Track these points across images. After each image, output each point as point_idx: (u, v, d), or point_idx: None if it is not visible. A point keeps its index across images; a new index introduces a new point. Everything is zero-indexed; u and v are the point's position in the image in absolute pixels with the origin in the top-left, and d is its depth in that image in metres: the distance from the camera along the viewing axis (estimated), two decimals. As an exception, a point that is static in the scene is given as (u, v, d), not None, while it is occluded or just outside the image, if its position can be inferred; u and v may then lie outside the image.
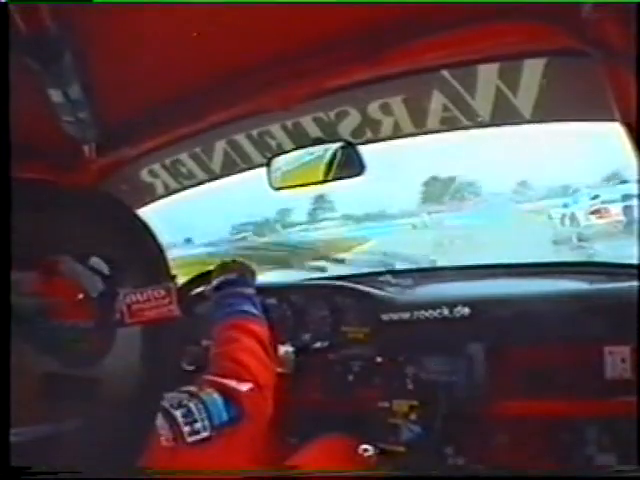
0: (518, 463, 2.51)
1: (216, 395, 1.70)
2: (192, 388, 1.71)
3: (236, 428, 1.71)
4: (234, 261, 2.43)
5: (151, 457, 1.41)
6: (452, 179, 21.15)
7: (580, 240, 11.24)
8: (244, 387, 1.80)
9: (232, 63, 1.97)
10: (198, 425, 1.60)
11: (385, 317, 2.87)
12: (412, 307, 2.84)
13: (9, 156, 1.17)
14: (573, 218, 13.47)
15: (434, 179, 21.44)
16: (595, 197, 13.12)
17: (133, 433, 1.33)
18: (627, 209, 11.32)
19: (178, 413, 1.59)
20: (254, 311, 2.16)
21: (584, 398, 2.43)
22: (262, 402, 1.87)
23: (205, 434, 1.60)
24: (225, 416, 1.68)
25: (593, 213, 12.79)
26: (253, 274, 2.41)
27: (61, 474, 1.11)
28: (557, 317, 2.51)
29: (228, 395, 1.72)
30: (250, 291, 2.26)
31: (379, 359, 2.86)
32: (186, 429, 1.58)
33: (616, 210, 11.98)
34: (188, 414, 1.60)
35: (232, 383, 1.79)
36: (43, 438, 1.14)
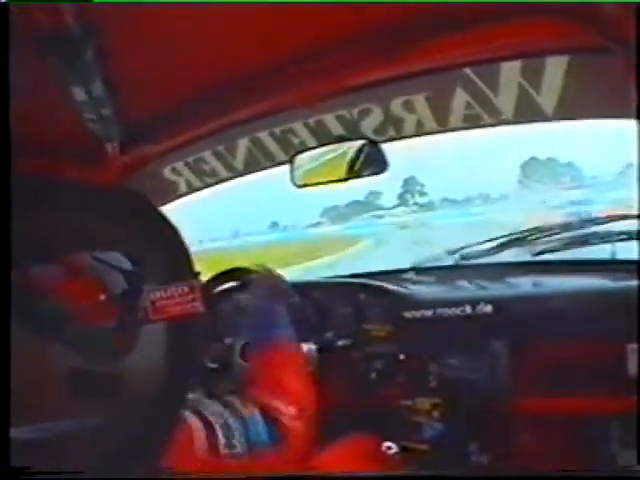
0: (540, 460, 2.50)
1: (257, 415, 1.70)
2: (235, 402, 1.71)
3: (274, 450, 1.71)
4: (268, 270, 2.45)
5: (176, 456, 1.41)
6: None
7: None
8: (288, 411, 1.80)
9: (254, 61, 1.97)
10: (235, 441, 1.60)
11: (408, 315, 2.87)
12: (435, 305, 2.84)
13: (9, 155, 1.17)
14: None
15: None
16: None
17: (156, 430, 1.34)
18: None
19: (217, 425, 1.59)
20: (290, 334, 2.17)
21: (607, 395, 2.42)
22: (304, 428, 1.87)
23: (239, 450, 1.60)
24: (265, 437, 1.68)
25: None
26: (288, 288, 2.43)
27: (62, 474, 1.11)
28: (580, 314, 2.50)
29: (271, 417, 1.73)
30: (284, 310, 2.27)
31: (402, 357, 2.86)
32: (222, 441, 1.58)
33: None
34: (228, 429, 1.61)
35: (276, 405, 1.79)
36: (67, 434, 1.15)
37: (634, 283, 2.54)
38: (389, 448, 2.58)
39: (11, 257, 1.10)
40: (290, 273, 3.69)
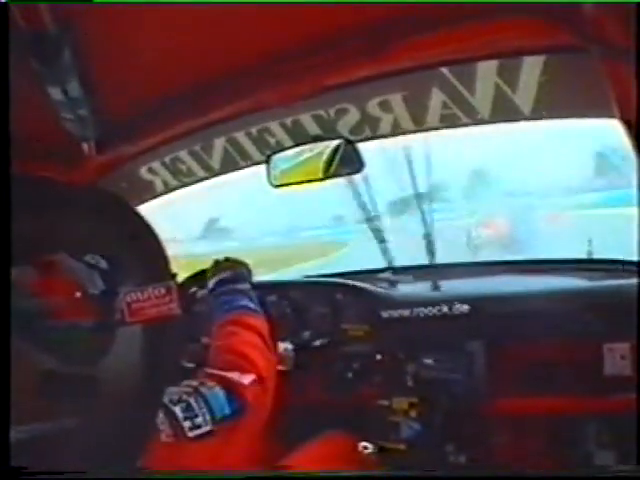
0: (518, 460, 2.51)
1: (218, 388, 1.71)
2: (193, 382, 1.72)
3: (238, 421, 1.72)
4: (227, 259, 2.44)
5: (153, 455, 1.41)
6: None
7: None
8: (246, 379, 1.80)
9: (231, 60, 1.97)
10: (199, 420, 1.61)
11: (385, 314, 2.88)
12: (412, 304, 2.84)
13: (9, 155, 1.17)
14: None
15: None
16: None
17: (134, 432, 1.33)
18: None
19: (177, 409, 1.59)
20: (252, 305, 2.18)
21: (583, 395, 2.44)
22: (264, 394, 1.88)
23: (206, 428, 1.61)
24: (227, 409, 1.69)
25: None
26: (248, 270, 2.42)
27: (61, 474, 1.11)
28: (556, 314, 2.52)
29: (230, 388, 1.73)
30: (246, 286, 2.28)
31: (379, 356, 2.87)
32: (186, 424, 1.59)
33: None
34: (188, 409, 1.61)
35: (234, 376, 1.79)
36: (43, 437, 1.14)
37: (611, 283, 2.56)
38: (366, 448, 2.58)
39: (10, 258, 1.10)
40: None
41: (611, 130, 1.66)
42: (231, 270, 2.33)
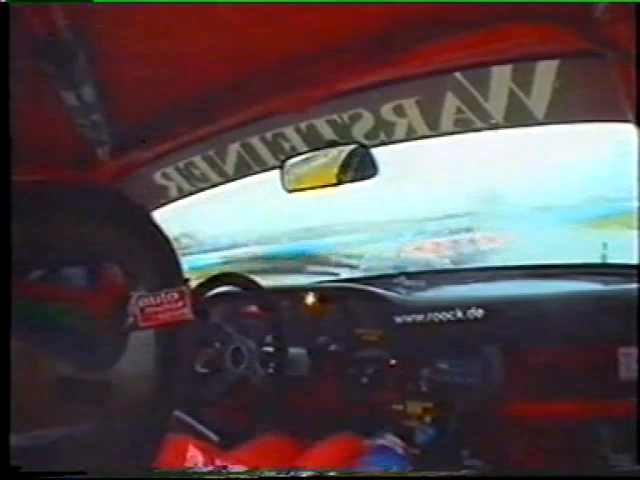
0: (533, 464, 2.50)
1: None
2: None
3: None
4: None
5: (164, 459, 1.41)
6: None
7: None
8: None
9: (246, 65, 1.97)
10: None
11: (399, 319, 2.87)
12: (426, 309, 2.84)
13: (9, 158, 1.17)
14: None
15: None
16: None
17: (146, 437, 1.33)
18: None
19: None
20: None
21: (599, 399, 2.43)
22: None
23: None
24: None
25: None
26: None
27: (62, 475, 1.11)
28: (571, 318, 2.51)
29: None
30: None
31: (393, 361, 2.86)
32: None
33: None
34: None
35: None
36: (57, 442, 1.14)
37: (626, 287, 2.55)
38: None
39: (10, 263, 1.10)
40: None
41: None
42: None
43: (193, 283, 3.06)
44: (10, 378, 1.07)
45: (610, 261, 3.10)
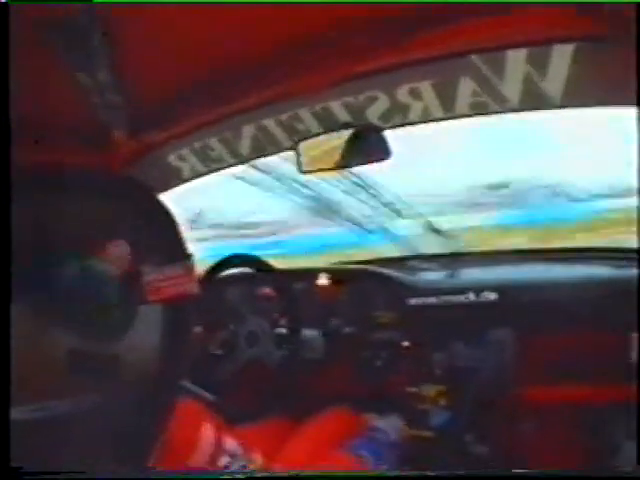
0: (544, 450, 2.51)
1: None
2: None
3: None
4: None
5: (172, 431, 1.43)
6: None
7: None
8: None
9: (261, 47, 1.97)
10: None
11: (413, 302, 2.88)
12: (439, 292, 2.85)
13: (9, 152, 1.18)
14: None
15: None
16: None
17: (154, 409, 1.35)
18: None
19: None
20: None
21: (611, 385, 2.43)
22: None
23: None
24: None
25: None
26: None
27: (62, 474, 1.12)
28: (584, 303, 2.51)
29: None
30: None
31: (407, 344, 2.87)
32: None
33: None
34: None
35: None
36: (64, 415, 1.16)
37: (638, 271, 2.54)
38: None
39: (11, 249, 1.11)
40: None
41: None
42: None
43: (206, 264, 3.08)
44: (10, 379, 1.09)
45: (626, 245, 3.09)
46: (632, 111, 1.86)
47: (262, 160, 3.02)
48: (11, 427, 1.09)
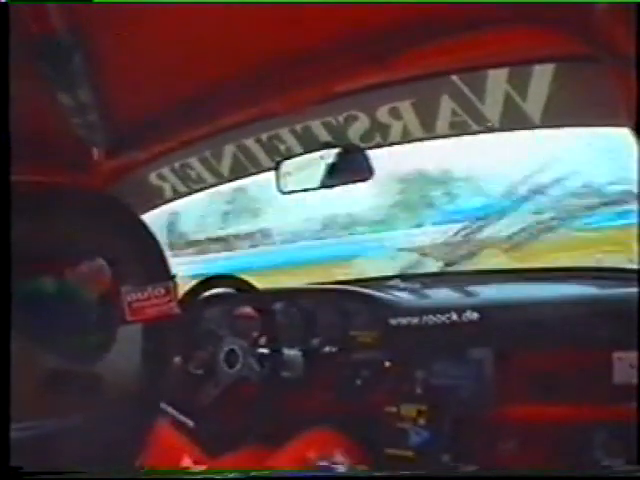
0: (527, 467, 2.51)
1: None
2: None
3: None
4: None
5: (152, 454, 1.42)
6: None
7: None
8: None
9: (241, 67, 1.98)
10: None
11: (394, 322, 2.87)
12: (421, 312, 2.84)
13: (9, 159, 1.18)
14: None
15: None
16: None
17: (134, 429, 1.35)
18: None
19: None
20: None
21: (593, 403, 2.43)
22: None
23: None
24: None
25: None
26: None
27: (62, 474, 1.12)
28: (566, 322, 2.51)
29: None
30: None
31: (387, 363, 2.86)
32: None
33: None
34: None
35: None
36: (46, 434, 1.15)
37: (620, 291, 2.55)
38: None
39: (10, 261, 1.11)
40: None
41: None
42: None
43: (188, 285, 3.07)
44: (10, 381, 1.08)
45: (605, 265, 3.10)
46: (611, 130, 1.88)
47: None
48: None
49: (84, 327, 1.25)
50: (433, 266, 3.47)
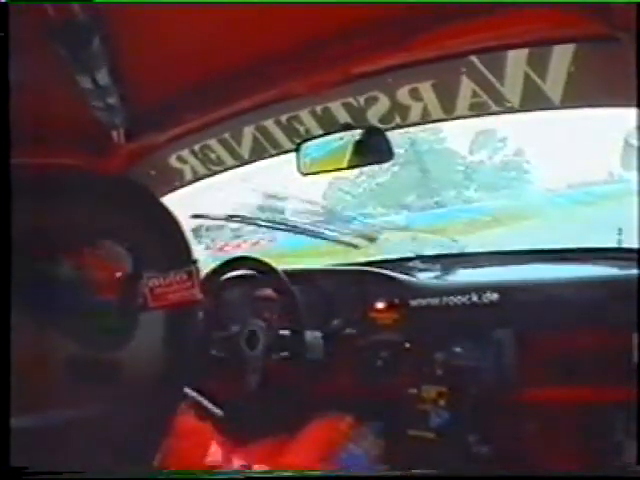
0: (545, 450, 2.50)
1: None
2: None
3: None
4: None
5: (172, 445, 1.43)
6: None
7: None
8: None
9: (261, 48, 1.97)
10: None
11: (414, 303, 2.87)
12: (441, 293, 2.84)
13: (9, 153, 1.18)
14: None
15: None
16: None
17: (156, 417, 1.35)
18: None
19: None
20: None
21: (613, 384, 2.42)
22: None
23: None
24: None
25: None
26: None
27: (62, 474, 1.12)
28: (586, 303, 2.50)
29: None
30: None
31: (408, 345, 2.86)
32: None
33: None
34: None
35: None
36: (68, 422, 1.16)
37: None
38: None
39: (11, 251, 1.11)
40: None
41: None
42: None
43: (209, 267, 3.08)
44: (10, 382, 1.08)
45: (625, 245, 3.08)
46: (630, 112, 1.86)
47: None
48: (12, 436, 1.09)
49: (104, 313, 1.25)
50: (453, 247, 3.45)
